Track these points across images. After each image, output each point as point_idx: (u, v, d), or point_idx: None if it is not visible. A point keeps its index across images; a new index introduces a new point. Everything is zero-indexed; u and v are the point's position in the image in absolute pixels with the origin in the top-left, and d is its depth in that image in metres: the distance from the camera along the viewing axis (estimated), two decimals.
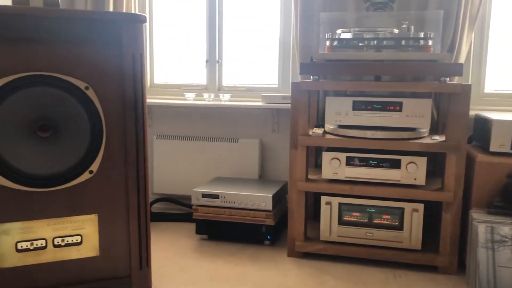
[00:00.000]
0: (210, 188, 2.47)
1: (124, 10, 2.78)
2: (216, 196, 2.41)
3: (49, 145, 1.49)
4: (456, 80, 2.44)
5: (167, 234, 2.58)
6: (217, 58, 2.93)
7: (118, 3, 2.79)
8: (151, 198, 2.95)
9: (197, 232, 2.49)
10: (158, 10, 3.02)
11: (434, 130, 2.40)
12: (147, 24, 3.01)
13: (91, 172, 1.56)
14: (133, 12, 2.85)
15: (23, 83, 1.45)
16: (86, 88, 1.53)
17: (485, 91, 2.61)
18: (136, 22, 1.58)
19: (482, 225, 1.89)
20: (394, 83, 2.07)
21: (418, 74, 2.05)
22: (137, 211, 1.65)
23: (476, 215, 1.96)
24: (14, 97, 1.44)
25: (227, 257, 2.27)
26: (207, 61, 2.95)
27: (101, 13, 1.55)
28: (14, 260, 1.49)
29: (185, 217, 2.79)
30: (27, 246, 1.51)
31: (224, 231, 2.45)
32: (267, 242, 2.43)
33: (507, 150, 1.99)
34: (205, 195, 2.43)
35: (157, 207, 2.98)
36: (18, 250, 1.50)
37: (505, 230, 1.86)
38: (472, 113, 2.34)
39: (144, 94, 1.61)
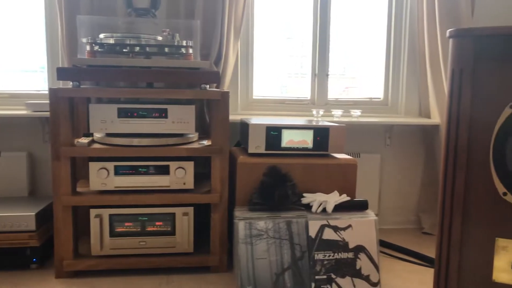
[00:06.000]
0: None
1: None
2: None
3: None
4: (226, 88, 2.59)
5: None
6: None
7: None
8: None
9: None
10: None
11: (207, 135, 2.49)
12: None
13: None
14: None
15: None
16: None
17: (254, 97, 2.84)
18: None
19: (242, 222, 2.02)
20: (157, 89, 2.08)
21: (178, 82, 2.08)
22: None
23: (238, 213, 2.08)
24: None
25: None
26: None
27: None
28: None
29: None
30: None
31: None
32: (33, 266, 2.18)
33: (262, 151, 2.18)
34: None
35: None
36: None
37: (261, 224, 2.03)
38: (239, 117, 2.50)
39: None
